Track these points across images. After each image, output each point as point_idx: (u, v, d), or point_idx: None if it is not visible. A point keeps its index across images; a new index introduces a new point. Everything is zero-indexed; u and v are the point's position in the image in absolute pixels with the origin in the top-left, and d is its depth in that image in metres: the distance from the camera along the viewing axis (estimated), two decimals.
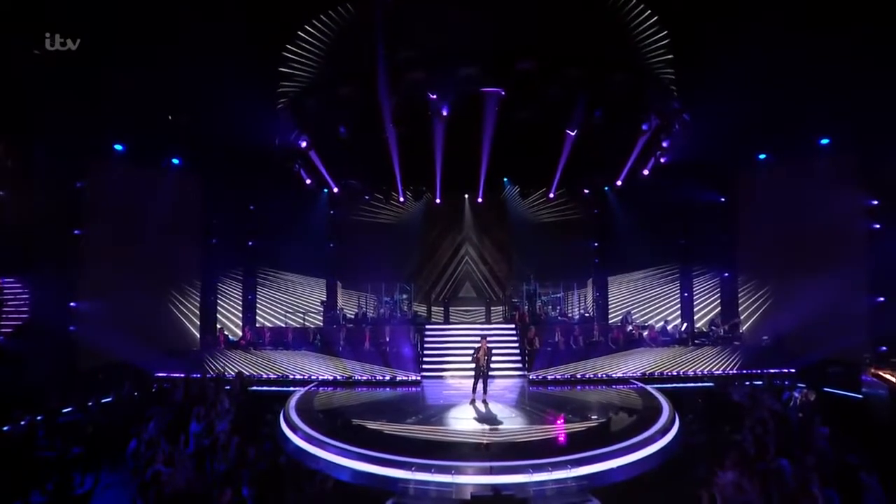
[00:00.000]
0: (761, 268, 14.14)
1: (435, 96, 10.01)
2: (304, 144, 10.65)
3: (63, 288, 11.21)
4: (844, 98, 10.28)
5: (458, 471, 6.64)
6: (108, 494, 7.14)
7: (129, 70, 9.83)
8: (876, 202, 11.35)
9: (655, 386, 11.53)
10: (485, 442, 8.04)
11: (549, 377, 12.63)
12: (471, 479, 6.59)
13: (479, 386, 10.31)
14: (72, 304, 11.33)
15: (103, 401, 10.04)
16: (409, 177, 14.25)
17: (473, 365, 10.33)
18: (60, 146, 10.78)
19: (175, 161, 13.32)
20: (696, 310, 15.79)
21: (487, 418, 9.25)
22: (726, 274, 15.26)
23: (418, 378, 12.62)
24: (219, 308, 15.21)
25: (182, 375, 11.21)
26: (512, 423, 9.01)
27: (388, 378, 12.59)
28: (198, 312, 14.46)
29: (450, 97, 9.48)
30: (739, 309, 14.77)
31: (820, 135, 12.05)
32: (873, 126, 10.54)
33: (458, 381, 12.32)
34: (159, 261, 12.90)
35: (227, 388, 10.32)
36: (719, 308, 15.34)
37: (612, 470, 7.03)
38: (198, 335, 14.27)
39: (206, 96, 10.58)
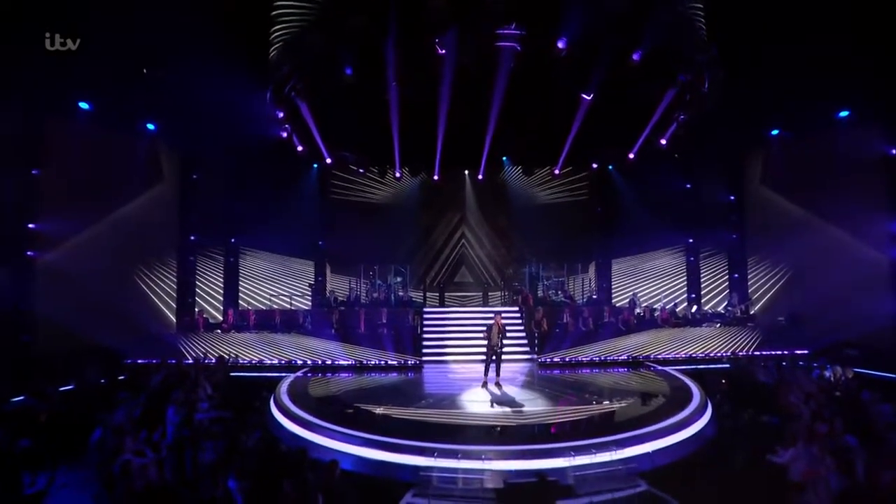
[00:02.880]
0: (774, 248, 13.65)
1: (444, 51, 9.15)
2: (300, 92, 9.44)
3: (17, 263, 9.79)
4: (866, 66, 9.69)
5: (489, 456, 5.73)
6: (66, 494, 5.94)
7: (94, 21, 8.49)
8: None
9: (674, 367, 10.99)
10: (514, 424, 7.14)
11: (561, 359, 11.87)
12: (504, 464, 5.69)
13: (492, 369, 9.36)
14: (27, 280, 9.92)
15: (62, 388, 8.74)
16: (408, 148, 13.24)
17: (486, 343, 9.33)
18: (14, 102, 9.34)
19: (150, 126, 11.98)
20: (704, 291, 15.31)
21: (507, 401, 8.35)
22: (736, 255, 14.81)
23: (418, 362, 11.69)
24: (197, 289, 13.90)
25: (156, 361, 9.99)
26: (535, 406, 8.12)
27: (385, 362, 11.62)
28: (174, 294, 13.13)
29: (464, 45, 8.51)
30: (750, 290, 14.33)
31: (839, 107, 11.52)
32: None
33: (462, 365, 11.46)
34: (131, 236, 11.60)
35: (207, 373, 9.16)
36: (728, 290, 14.89)
37: (653, 453, 6.27)
38: (174, 318, 12.96)
39: (185, 48, 9.33)
